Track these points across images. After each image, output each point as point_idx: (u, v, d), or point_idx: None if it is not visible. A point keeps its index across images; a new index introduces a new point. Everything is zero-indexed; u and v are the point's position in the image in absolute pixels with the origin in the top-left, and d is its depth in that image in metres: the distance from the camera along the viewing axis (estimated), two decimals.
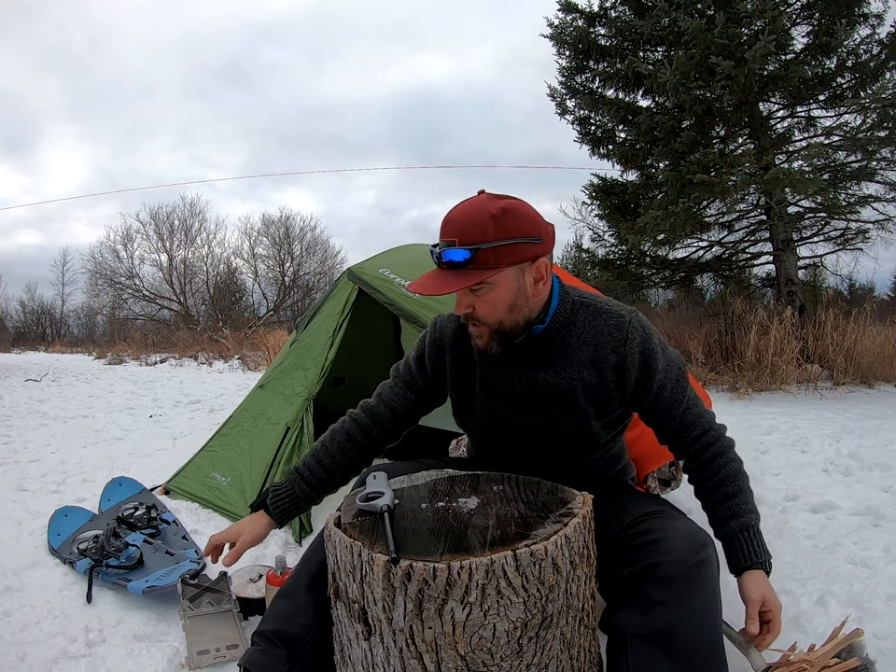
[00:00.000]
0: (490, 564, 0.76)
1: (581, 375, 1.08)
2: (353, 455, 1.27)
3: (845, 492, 2.34)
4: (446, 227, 1.01)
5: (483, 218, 0.98)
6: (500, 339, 1.06)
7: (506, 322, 1.05)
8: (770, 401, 4.82)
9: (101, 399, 5.95)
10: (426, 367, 1.24)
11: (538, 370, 1.10)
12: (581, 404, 1.08)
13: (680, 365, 1.12)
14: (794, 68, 5.57)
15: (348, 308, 2.48)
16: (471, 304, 1.03)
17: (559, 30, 6.90)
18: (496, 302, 1.02)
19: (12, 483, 2.74)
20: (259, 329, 13.10)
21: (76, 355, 16.99)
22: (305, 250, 22.72)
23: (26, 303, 26.59)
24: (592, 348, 1.08)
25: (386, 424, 1.27)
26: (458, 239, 0.98)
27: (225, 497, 2.24)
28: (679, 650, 0.87)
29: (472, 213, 0.99)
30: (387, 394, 1.28)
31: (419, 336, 1.30)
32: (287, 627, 1.03)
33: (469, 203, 1.02)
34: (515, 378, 1.12)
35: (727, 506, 1.08)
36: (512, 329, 1.06)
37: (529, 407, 1.12)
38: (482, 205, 1.00)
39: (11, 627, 1.45)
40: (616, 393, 1.09)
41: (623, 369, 1.07)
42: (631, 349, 1.06)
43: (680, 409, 1.09)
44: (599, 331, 1.08)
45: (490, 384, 1.15)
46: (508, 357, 1.11)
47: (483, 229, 0.98)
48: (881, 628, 1.35)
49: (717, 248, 7.34)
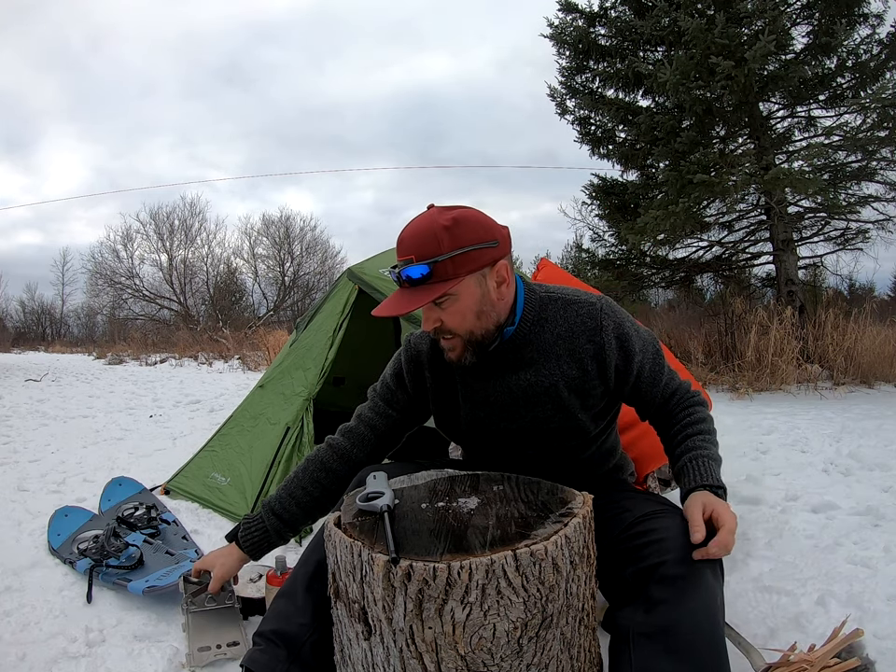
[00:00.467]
0: (490, 564, 0.76)
1: (560, 370, 1.08)
2: (327, 485, 1.24)
3: (845, 492, 2.34)
4: (401, 246, 1.02)
5: (435, 231, 0.98)
6: (474, 349, 1.06)
7: (476, 331, 1.05)
8: (770, 401, 4.82)
9: (101, 399, 5.95)
10: (405, 383, 1.22)
11: (516, 372, 1.10)
12: (565, 399, 1.09)
13: (654, 342, 1.15)
14: (794, 68, 5.57)
15: (348, 308, 2.48)
16: (439, 318, 1.04)
17: (559, 30, 6.90)
18: (462, 312, 1.02)
19: (12, 483, 2.74)
20: (259, 328, 13.12)
21: (76, 355, 17.00)
22: (305, 250, 22.76)
23: (26, 303, 26.65)
24: (567, 341, 1.09)
25: (368, 445, 1.24)
26: (415, 256, 0.99)
27: (225, 497, 2.24)
28: (681, 648, 0.87)
29: (424, 228, 1.00)
30: (367, 413, 1.26)
31: (392, 357, 1.28)
32: (287, 627, 1.03)
33: (421, 219, 1.02)
34: (495, 385, 1.11)
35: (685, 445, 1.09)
36: (485, 337, 1.06)
37: (513, 412, 1.12)
38: (432, 219, 1.00)
39: (11, 627, 1.45)
40: (599, 382, 1.10)
41: (602, 356, 1.08)
42: (607, 335, 1.08)
43: (661, 385, 1.13)
44: (572, 322, 1.09)
45: (472, 394, 1.14)
46: (484, 365, 1.11)
47: (437, 242, 0.98)
48: (881, 628, 1.35)
49: (717, 248, 7.35)
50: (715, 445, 1.10)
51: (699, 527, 0.92)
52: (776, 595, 1.53)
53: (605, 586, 1.01)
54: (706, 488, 1.01)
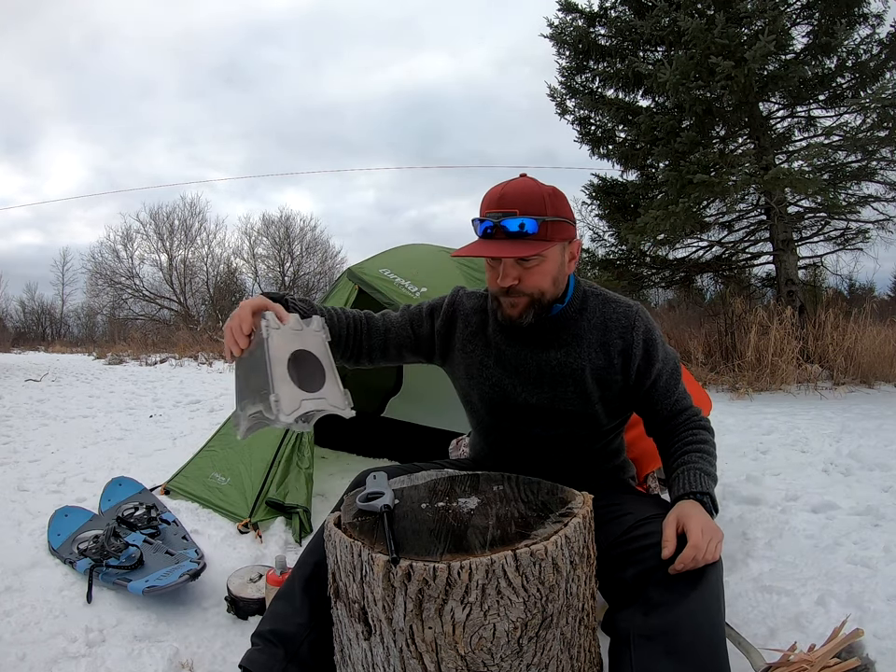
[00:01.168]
0: (490, 564, 0.76)
1: (590, 356, 1.13)
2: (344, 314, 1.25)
3: (845, 492, 2.34)
4: (503, 199, 1.05)
5: (542, 195, 1.05)
6: (536, 310, 1.11)
7: (547, 294, 1.10)
8: (770, 401, 4.82)
9: (101, 399, 5.95)
10: (435, 319, 1.26)
11: (550, 349, 1.15)
12: (588, 385, 1.13)
13: (676, 360, 1.19)
14: (794, 68, 5.57)
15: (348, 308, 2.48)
16: (518, 276, 1.08)
17: (559, 30, 6.90)
18: (543, 275, 1.08)
19: (12, 483, 2.74)
20: None
21: (76, 355, 16.98)
22: (305, 250, 22.74)
23: (26, 303, 26.58)
24: (601, 332, 1.14)
25: (375, 336, 1.25)
26: (520, 210, 1.03)
27: (225, 496, 2.24)
28: (680, 650, 0.87)
29: (530, 188, 1.06)
30: (391, 317, 1.28)
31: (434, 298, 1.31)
32: (285, 627, 1.04)
33: (521, 181, 1.08)
34: (529, 356, 1.16)
35: (681, 458, 1.11)
36: (549, 302, 1.12)
37: (538, 386, 1.15)
38: (536, 183, 1.08)
39: (11, 627, 1.45)
40: (621, 377, 1.14)
41: (628, 353, 1.13)
42: (637, 335, 1.13)
43: (672, 399, 1.16)
44: (608, 317, 1.15)
45: (504, 360, 1.18)
46: (524, 335, 1.16)
47: (542, 203, 1.04)
48: (881, 628, 1.35)
49: (717, 248, 7.35)
50: (711, 463, 1.11)
51: (668, 542, 0.94)
52: (776, 595, 1.53)
53: (605, 588, 1.01)
54: (690, 496, 1.02)
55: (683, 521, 0.96)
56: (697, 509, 0.99)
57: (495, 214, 1.05)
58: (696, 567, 0.92)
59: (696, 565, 0.92)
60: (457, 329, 1.23)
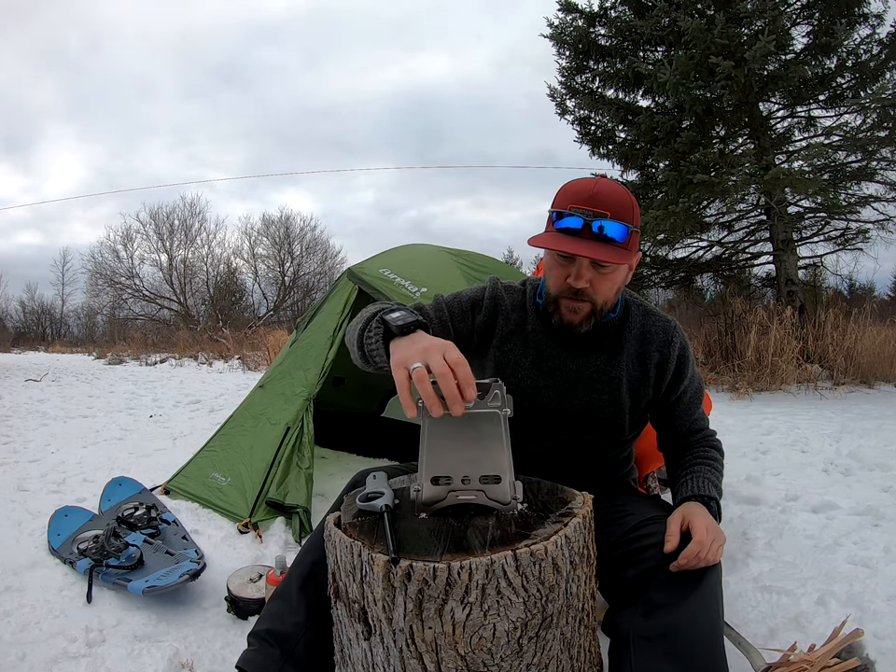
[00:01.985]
0: (490, 564, 0.76)
1: (628, 366, 1.14)
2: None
3: (845, 492, 2.34)
4: (595, 198, 1.00)
5: (630, 202, 1.03)
6: (596, 319, 1.10)
7: (609, 303, 1.09)
8: (770, 401, 4.82)
9: (101, 399, 5.95)
10: (476, 314, 1.18)
11: (592, 355, 1.14)
12: (622, 395, 1.13)
13: (700, 383, 1.21)
14: (794, 68, 5.57)
15: (348, 308, 2.48)
16: (590, 280, 1.04)
17: (559, 30, 6.90)
18: (613, 283, 1.07)
19: (12, 483, 2.74)
20: (259, 329, 13.12)
21: (76, 355, 16.99)
22: (305, 250, 22.75)
23: (26, 303, 26.61)
24: (640, 343, 1.14)
25: None
26: (611, 214, 0.99)
27: (225, 496, 2.24)
28: (680, 652, 0.87)
29: (621, 194, 1.02)
30: (427, 310, 1.18)
31: (469, 287, 1.24)
32: (281, 626, 1.03)
33: (612, 184, 1.04)
34: (569, 359, 1.15)
35: (690, 468, 1.12)
36: (607, 312, 1.11)
37: (574, 390, 1.14)
38: (624, 189, 1.04)
39: (11, 627, 1.45)
40: (652, 390, 1.15)
41: (663, 367, 1.14)
42: (673, 350, 1.14)
43: (691, 418, 1.18)
44: (647, 330, 1.16)
45: (542, 362, 1.16)
46: (567, 338, 1.14)
47: (631, 212, 1.02)
48: (881, 628, 1.35)
49: (717, 248, 7.35)
50: (718, 479, 1.12)
51: (672, 537, 0.94)
52: (776, 595, 1.53)
53: (605, 588, 1.01)
54: (696, 499, 1.03)
55: (689, 519, 0.97)
56: (703, 510, 1.00)
57: (585, 211, 0.99)
58: (698, 565, 0.92)
59: (698, 563, 0.92)
60: (497, 325, 1.18)
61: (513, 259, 22.23)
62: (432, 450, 0.87)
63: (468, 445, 0.87)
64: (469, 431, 0.86)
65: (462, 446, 0.87)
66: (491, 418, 0.86)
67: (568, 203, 1.01)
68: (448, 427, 0.86)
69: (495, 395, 0.87)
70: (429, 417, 0.85)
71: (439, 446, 0.87)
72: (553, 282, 1.08)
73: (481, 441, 0.86)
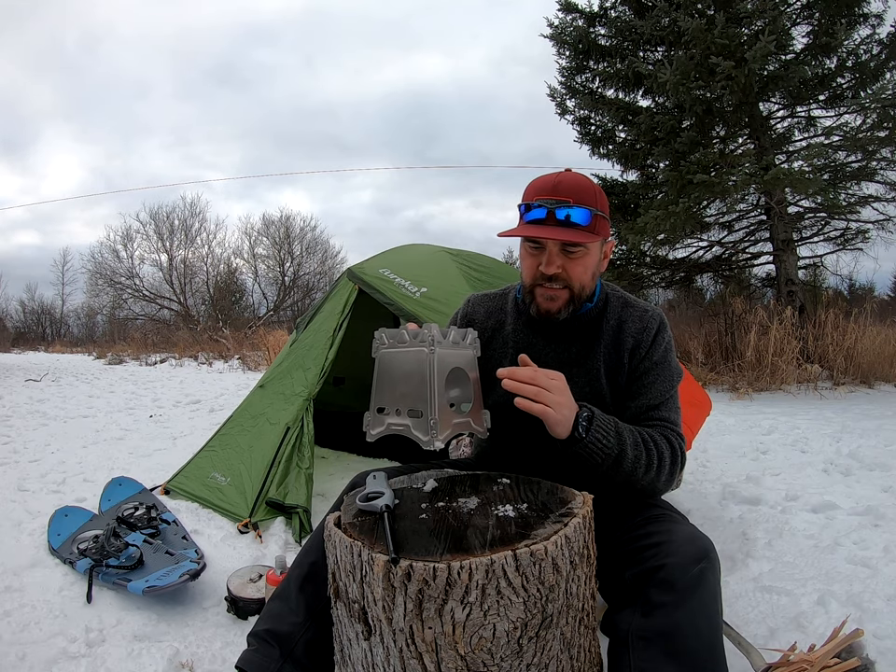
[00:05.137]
0: (490, 564, 0.75)
1: (606, 355, 1.15)
2: None
3: (845, 492, 2.34)
4: (557, 188, 1.06)
5: (593, 188, 1.08)
6: (574, 306, 1.13)
7: (585, 288, 1.13)
8: (770, 401, 4.82)
9: (101, 399, 5.95)
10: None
11: (570, 344, 1.16)
12: (602, 383, 1.14)
13: (675, 374, 1.17)
14: (794, 68, 5.57)
15: (348, 308, 2.48)
16: (562, 265, 1.09)
17: (559, 30, 6.90)
18: (585, 267, 1.10)
19: (12, 483, 2.74)
20: (259, 328, 13.11)
21: (76, 355, 16.99)
22: (305, 250, 22.74)
23: (26, 303, 26.64)
24: (617, 332, 1.16)
25: None
26: (574, 200, 1.05)
27: (225, 496, 2.24)
28: (679, 651, 0.87)
29: (582, 181, 1.08)
30: None
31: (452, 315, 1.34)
32: (280, 626, 1.03)
33: (574, 175, 1.10)
34: (549, 350, 1.17)
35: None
36: (584, 298, 1.14)
37: None
38: (586, 178, 1.10)
39: (11, 627, 1.45)
40: (626, 372, 1.14)
41: (635, 352, 1.14)
42: (647, 336, 1.15)
43: (654, 402, 1.12)
44: (625, 319, 1.17)
45: (523, 350, 1.16)
46: (546, 330, 1.17)
47: (594, 197, 1.07)
48: (881, 628, 1.35)
49: (717, 248, 7.35)
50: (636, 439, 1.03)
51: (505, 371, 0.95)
52: (776, 595, 1.53)
53: (604, 588, 1.01)
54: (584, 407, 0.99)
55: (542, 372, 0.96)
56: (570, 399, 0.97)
57: (548, 201, 1.05)
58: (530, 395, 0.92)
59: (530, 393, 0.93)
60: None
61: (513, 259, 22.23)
62: (380, 383, 0.98)
63: (404, 380, 0.95)
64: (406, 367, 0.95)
65: (400, 381, 0.95)
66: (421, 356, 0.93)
67: (533, 195, 1.08)
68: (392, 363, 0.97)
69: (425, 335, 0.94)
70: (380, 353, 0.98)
71: (384, 380, 0.97)
72: (527, 272, 1.14)
73: (413, 377, 0.93)
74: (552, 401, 0.94)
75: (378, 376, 0.98)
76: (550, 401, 0.94)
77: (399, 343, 0.98)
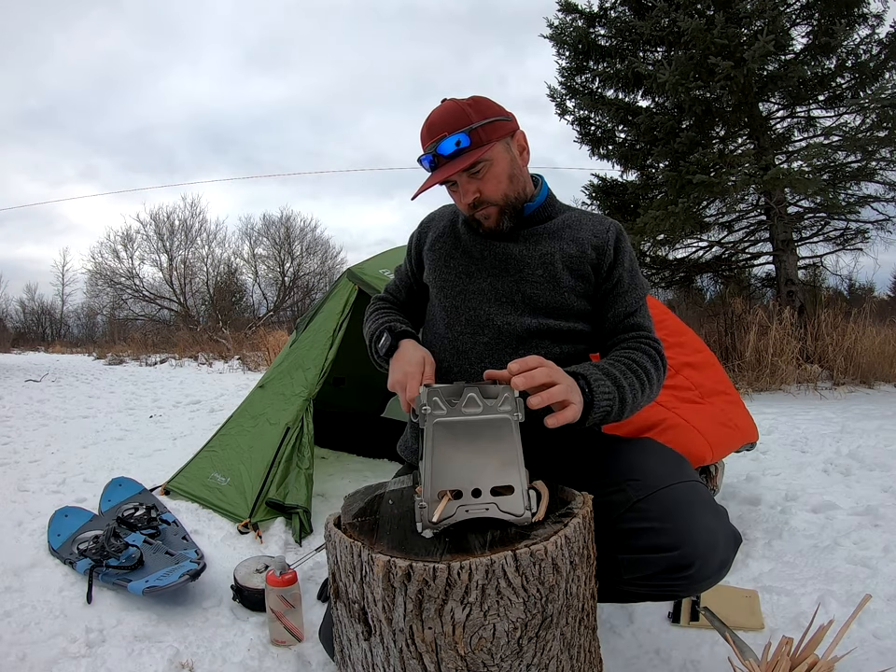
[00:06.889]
0: (490, 564, 0.76)
1: (560, 247, 1.15)
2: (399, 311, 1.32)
3: (845, 492, 2.34)
4: (431, 129, 1.09)
5: (461, 107, 1.09)
6: (510, 213, 1.14)
7: (511, 194, 1.13)
8: (770, 401, 4.82)
9: (101, 400, 5.95)
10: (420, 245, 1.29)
11: (519, 241, 1.17)
12: (558, 270, 1.13)
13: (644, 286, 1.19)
14: (794, 68, 5.57)
15: (348, 308, 2.48)
16: (477, 189, 1.11)
17: (559, 30, 6.90)
18: (498, 177, 1.11)
19: (12, 484, 2.74)
20: (259, 329, 13.11)
21: (76, 355, 17.00)
22: (305, 250, 22.75)
23: (26, 303, 26.64)
24: (574, 229, 1.17)
25: (415, 319, 1.33)
26: (447, 131, 1.07)
27: (225, 497, 2.24)
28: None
29: (450, 107, 1.10)
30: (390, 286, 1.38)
31: None
32: None
33: (442, 105, 1.12)
34: (497, 245, 1.18)
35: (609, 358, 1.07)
36: (517, 201, 1.14)
37: (504, 269, 1.15)
38: (453, 101, 1.11)
39: (11, 627, 1.45)
40: (591, 271, 1.14)
41: (601, 249, 1.15)
42: (609, 237, 1.16)
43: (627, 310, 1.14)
44: (582, 222, 1.19)
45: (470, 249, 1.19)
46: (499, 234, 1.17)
47: (465, 115, 1.08)
48: (881, 628, 1.35)
49: (717, 248, 7.36)
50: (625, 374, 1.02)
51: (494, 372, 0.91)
52: (775, 595, 1.53)
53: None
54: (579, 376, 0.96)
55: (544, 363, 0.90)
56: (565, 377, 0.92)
57: (429, 146, 1.08)
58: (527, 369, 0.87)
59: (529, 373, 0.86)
60: (428, 237, 1.27)
61: None
62: (438, 461, 0.80)
63: (477, 455, 0.81)
64: (478, 440, 0.81)
65: (471, 456, 0.81)
66: (501, 424, 0.81)
67: (422, 148, 1.11)
68: (455, 435, 0.81)
69: (505, 398, 0.81)
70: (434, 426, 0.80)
71: (445, 457, 0.81)
72: (460, 209, 1.18)
73: (491, 449, 0.81)
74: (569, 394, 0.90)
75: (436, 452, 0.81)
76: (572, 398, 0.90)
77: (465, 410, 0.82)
